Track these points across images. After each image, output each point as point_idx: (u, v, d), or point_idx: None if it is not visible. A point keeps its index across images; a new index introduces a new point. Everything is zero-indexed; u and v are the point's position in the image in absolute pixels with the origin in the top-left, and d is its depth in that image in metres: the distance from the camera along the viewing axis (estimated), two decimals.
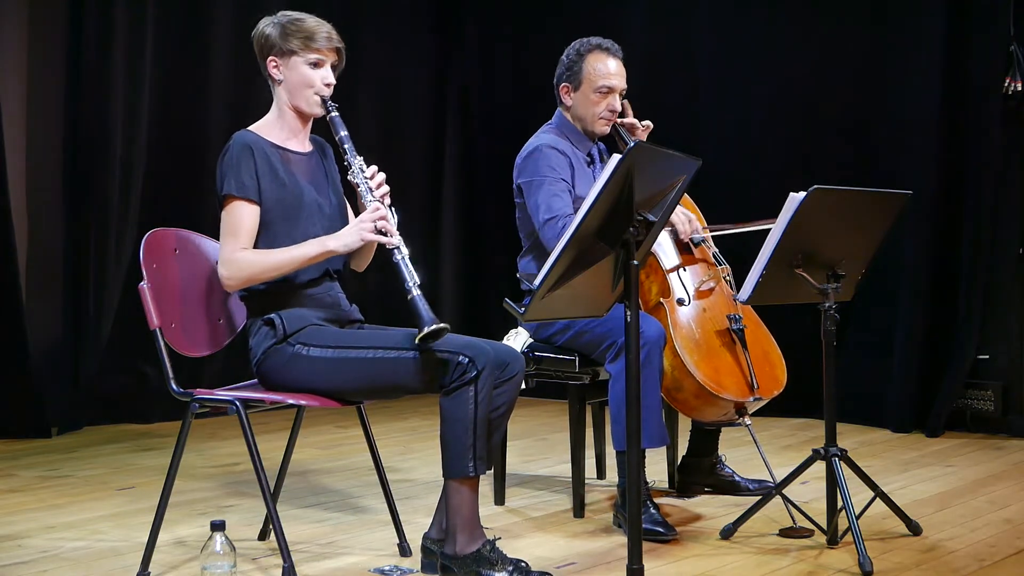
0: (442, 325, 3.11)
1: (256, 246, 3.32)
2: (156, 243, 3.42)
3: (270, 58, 3.39)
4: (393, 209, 3.30)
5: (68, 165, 5.72)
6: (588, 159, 4.15)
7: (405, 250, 3.23)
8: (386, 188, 3.32)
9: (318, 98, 3.38)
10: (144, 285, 3.32)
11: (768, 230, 3.58)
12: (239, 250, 3.27)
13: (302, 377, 3.28)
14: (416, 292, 3.15)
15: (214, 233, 3.70)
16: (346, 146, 3.33)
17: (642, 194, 2.89)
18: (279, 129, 3.43)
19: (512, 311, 2.90)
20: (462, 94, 7.37)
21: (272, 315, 3.31)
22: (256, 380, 3.39)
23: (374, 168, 3.35)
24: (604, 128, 4.10)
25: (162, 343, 3.31)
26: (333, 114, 3.37)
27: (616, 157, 2.80)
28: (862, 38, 5.97)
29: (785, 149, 6.12)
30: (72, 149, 5.70)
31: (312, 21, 3.39)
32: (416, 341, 3.13)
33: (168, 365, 3.29)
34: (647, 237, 2.96)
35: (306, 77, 3.37)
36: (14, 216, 5.44)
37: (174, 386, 3.30)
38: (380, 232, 3.23)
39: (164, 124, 5.98)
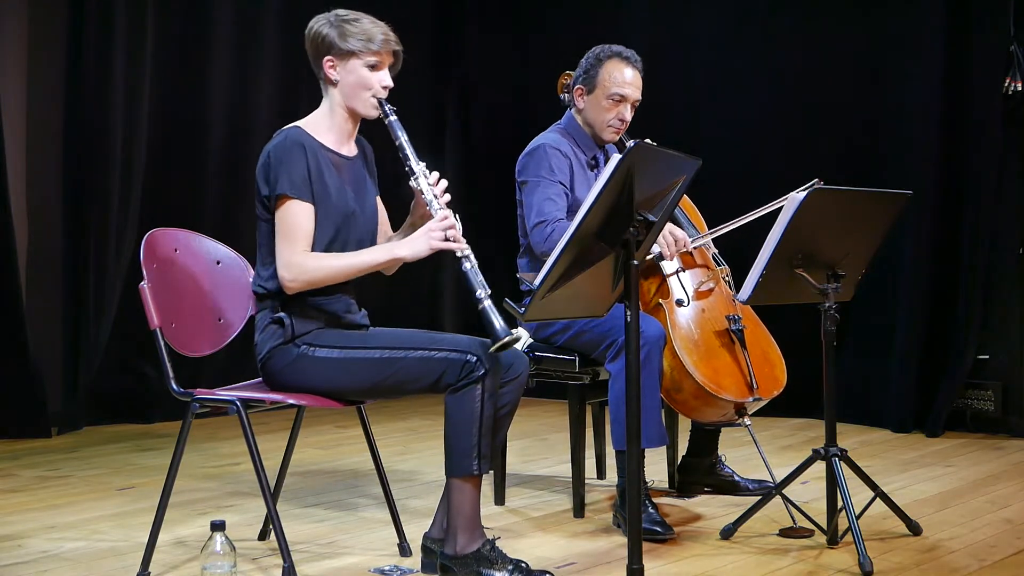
0: (514, 336, 3.09)
1: None
2: (156, 243, 3.42)
3: (327, 58, 3.32)
4: (457, 216, 3.27)
5: (68, 165, 5.71)
6: (592, 163, 4.14)
7: (474, 259, 3.19)
8: (449, 196, 3.29)
9: (375, 100, 3.33)
10: (144, 285, 3.33)
11: (764, 216, 3.57)
12: (300, 253, 3.24)
13: (307, 377, 3.27)
14: (487, 302, 3.11)
15: (214, 233, 3.71)
16: (407, 151, 3.29)
17: (642, 194, 2.89)
18: (327, 130, 3.38)
19: (512, 311, 2.90)
20: (462, 94, 7.36)
21: (282, 314, 3.29)
22: (260, 378, 3.39)
23: (436, 174, 3.31)
24: (612, 136, 4.10)
25: (162, 343, 3.31)
26: (392, 118, 3.32)
27: (616, 157, 2.81)
28: (862, 38, 5.97)
29: (785, 149, 6.12)
30: (72, 149, 5.70)
31: (369, 21, 3.34)
32: (491, 351, 3.12)
33: (168, 365, 3.29)
34: (647, 237, 2.96)
35: (364, 79, 3.32)
36: (14, 216, 5.44)
37: (174, 386, 3.30)
38: (449, 241, 3.20)
39: (164, 124, 5.98)
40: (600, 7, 6.69)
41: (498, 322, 3.09)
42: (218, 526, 3.05)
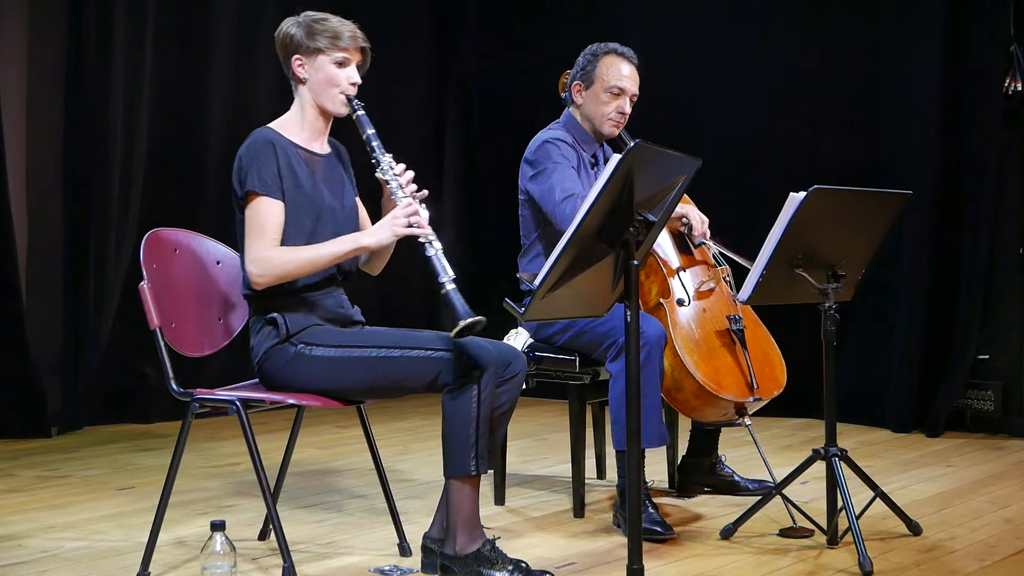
0: (477, 319, 3.10)
1: None
2: (156, 243, 3.42)
3: (295, 57, 3.38)
4: (424, 204, 3.31)
5: (68, 165, 5.71)
6: (592, 160, 4.15)
7: (438, 244, 3.23)
8: (415, 186, 3.34)
9: (343, 97, 3.38)
10: (144, 285, 3.32)
11: (764, 217, 3.57)
12: (268, 248, 3.26)
13: (305, 377, 3.28)
14: (450, 286, 3.15)
15: (214, 233, 3.70)
16: (374, 144, 3.35)
17: (642, 194, 2.89)
18: (299, 129, 3.42)
19: (512, 311, 2.90)
20: (462, 91, 7.36)
21: (275, 315, 3.30)
22: (257, 379, 3.39)
23: (402, 166, 3.36)
24: (612, 130, 4.11)
25: (162, 343, 3.31)
26: (359, 113, 3.38)
27: (616, 157, 2.81)
28: (862, 38, 5.97)
29: (785, 149, 6.12)
30: (72, 149, 5.70)
31: (336, 21, 3.40)
32: (452, 335, 3.14)
33: (168, 365, 3.29)
34: (647, 237, 2.96)
35: (332, 76, 3.37)
36: (14, 216, 5.44)
37: (174, 386, 3.30)
38: (412, 227, 3.24)
39: (164, 124, 5.98)
40: (600, 7, 6.69)
41: (461, 305, 3.11)
42: (218, 526, 3.05)
